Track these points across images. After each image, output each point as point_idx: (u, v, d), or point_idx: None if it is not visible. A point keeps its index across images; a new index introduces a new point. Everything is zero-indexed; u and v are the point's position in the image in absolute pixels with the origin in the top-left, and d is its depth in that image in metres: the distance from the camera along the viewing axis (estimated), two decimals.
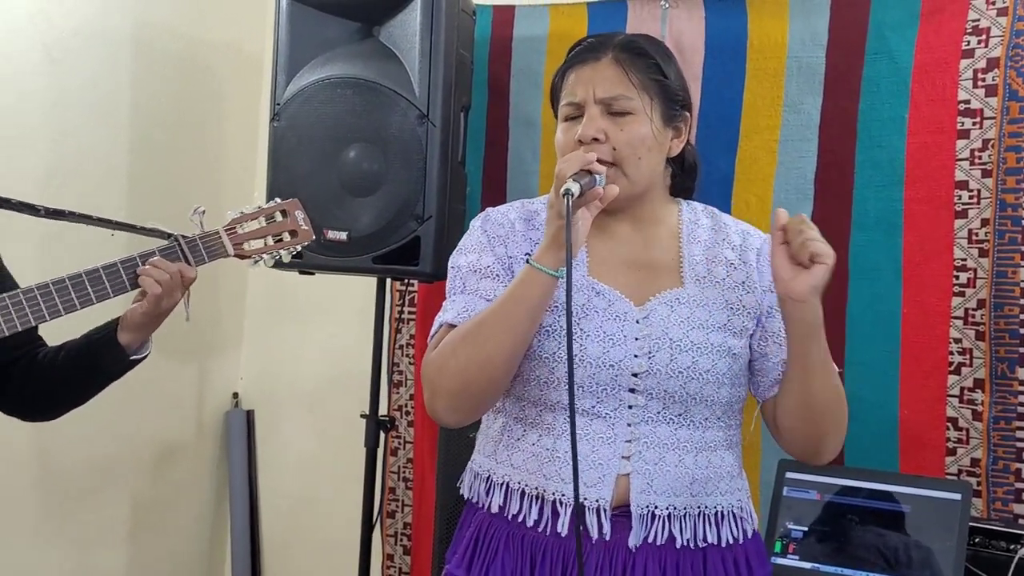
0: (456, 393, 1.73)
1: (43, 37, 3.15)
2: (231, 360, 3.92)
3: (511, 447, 1.82)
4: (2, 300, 1.85)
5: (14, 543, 2.21)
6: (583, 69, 1.81)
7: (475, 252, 1.85)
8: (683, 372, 1.75)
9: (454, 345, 1.73)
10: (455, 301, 1.82)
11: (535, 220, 1.87)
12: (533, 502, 1.78)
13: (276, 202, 2.14)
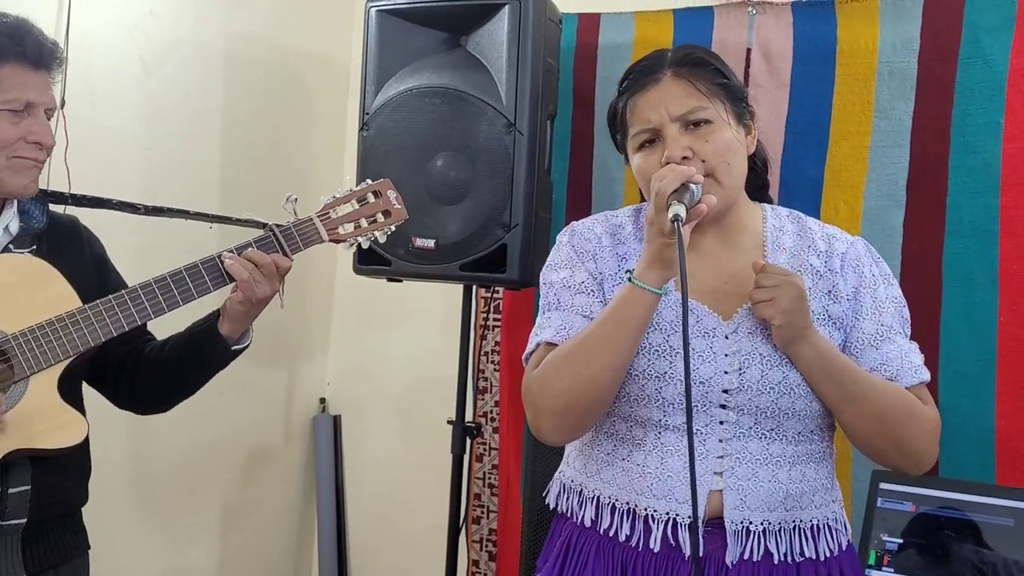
0: (561, 413, 1.73)
1: (140, 51, 3.24)
2: (318, 365, 3.98)
3: (601, 462, 1.82)
4: (108, 302, 1.90)
5: (113, 541, 2.28)
6: (647, 93, 1.79)
7: (567, 268, 1.85)
8: (775, 387, 1.73)
9: (556, 365, 1.73)
10: (551, 318, 1.81)
11: (620, 234, 1.87)
12: (625, 517, 1.78)
13: (368, 183, 2.12)
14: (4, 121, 1.89)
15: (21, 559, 1.87)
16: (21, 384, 1.83)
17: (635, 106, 1.80)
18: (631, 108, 1.81)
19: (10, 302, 1.85)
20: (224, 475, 3.66)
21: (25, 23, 1.95)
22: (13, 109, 1.89)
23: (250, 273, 1.95)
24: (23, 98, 1.90)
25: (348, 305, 3.96)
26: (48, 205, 2.06)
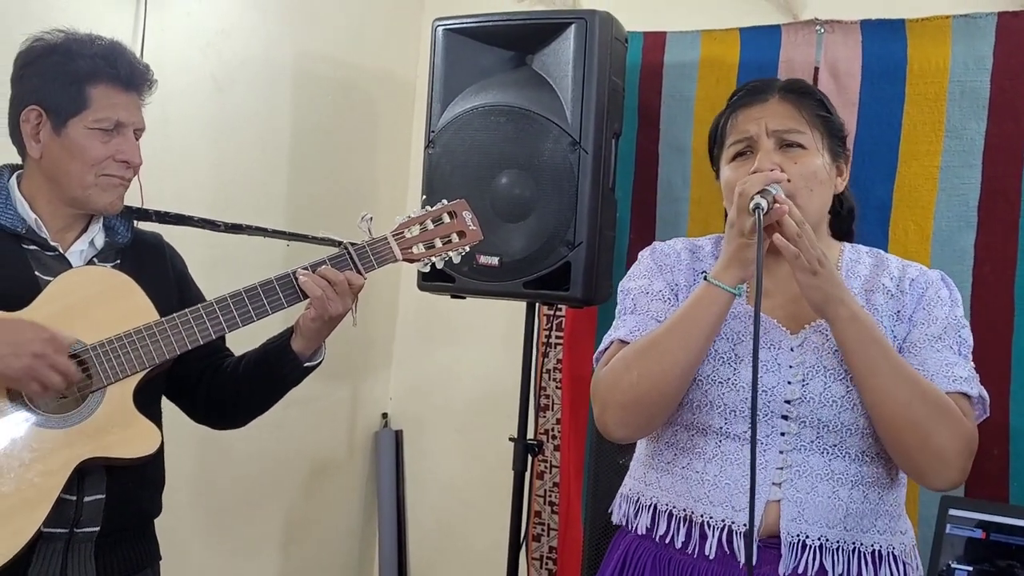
0: (627, 407, 1.76)
1: (212, 68, 3.30)
2: (381, 381, 4.01)
3: (660, 470, 1.85)
4: (184, 315, 1.94)
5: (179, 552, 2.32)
6: (751, 109, 1.85)
7: (645, 277, 1.90)
8: (837, 401, 1.74)
9: (627, 361, 1.76)
10: (626, 320, 1.87)
11: (699, 253, 1.92)
12: (681, 524, 1.80)
13: (443, 204, 2.14)
14: (95, 140, 1.94)
15: (94, 567, 1.91)
16: (98, 393, 1.87)
17: (736, 119, 1.86)
18: (732, 121, 1.87)
19: (91, 313, 1.90)
20: (287, 489, 3.69)
21: (119, 46, 2.01)
22: (104, 128, 1.95)
23: (323, 290, 1.98)
24: (114, 118, 1.96)
25: (411, 321, 3.99)
26: (133, 221, 2.11)
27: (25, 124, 1.95)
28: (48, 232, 1.97)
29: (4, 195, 1.97)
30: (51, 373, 1.78)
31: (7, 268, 1.90)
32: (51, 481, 1.80)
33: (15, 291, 1.88)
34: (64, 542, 1.87)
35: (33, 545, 1.80)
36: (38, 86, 1.94)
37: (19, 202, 1.97)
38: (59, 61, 1.94)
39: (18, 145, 2.00)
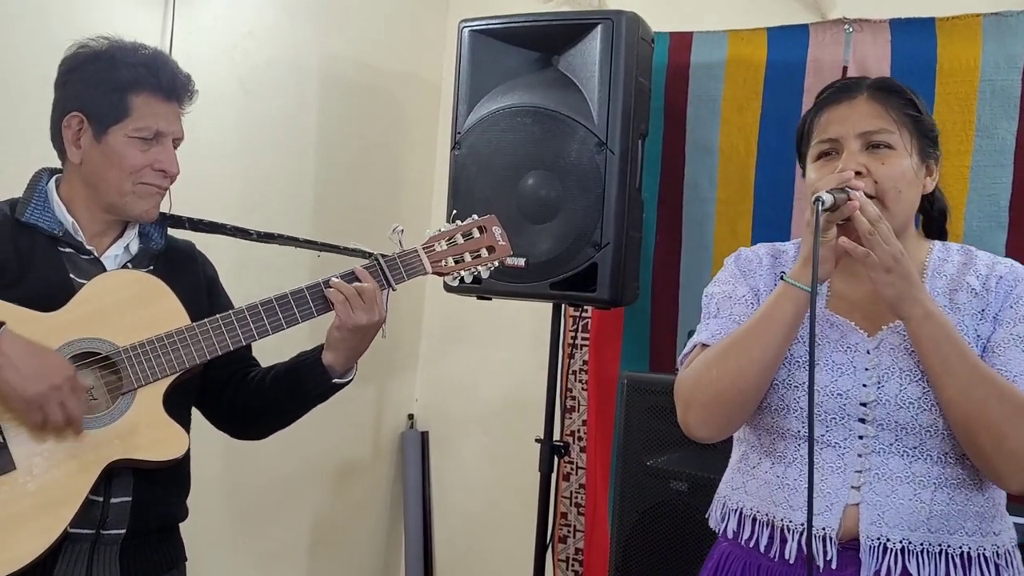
0: (708, 405, 1.77)
1: (238, 70, 3.31)
2: (407, 382, 4.01)
3: (746, 475, 1.85)
4: (215, 321, 1.94)
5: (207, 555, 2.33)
6: (838, 108, 1.81)
7: (729, 283, 1.90)
8: (914, 403, 1.71)
9: (708, 361, 1.78)
10: (708, 324, 1.87)
11: (782, 258, 1.91)
12: (763, 528, 1.80)
13: (473, 219, 2.15)
14: (134, 148, 1.95)
15: (119, 569, 1.91)
16: (128, 396, 1.88)
17: (822, 118, 1.83)
18: (819, 120, 1.84)
19: (123, 316, 1.90)
20: (314, 490, 3.70)
21: (161, 55, 2.02)
22: (143, 137, 1.96)
23: (347, 297, 1.98)
24: (154, 127, 1.97)
25: (437, 322, 3.99)
26: (167, 228, 2.12)
27: (67, 129, 1.97)
28: (84, 236, 1.98)
29: (42, 198, 1.98)
30: (58, 408, 1.78)
31: (43, 269, 1.92)
32: (79, 481, 1.81)
33: (50, 292, 1.89)
34: (90, 543, 1.87)
35: (59, 545, 1.80)
36: (81, 92, 1.95)
37: (57, 205, 1.98)
38: (102, 68, 1.95)
39: (59, 149, 2.01)
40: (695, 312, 3.15)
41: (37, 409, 1.78)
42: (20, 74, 2.68)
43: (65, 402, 1.79)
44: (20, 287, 1.88)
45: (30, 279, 1.90)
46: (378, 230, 2.18)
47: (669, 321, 3.27)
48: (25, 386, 1.76)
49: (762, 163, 3.10)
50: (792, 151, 1.96)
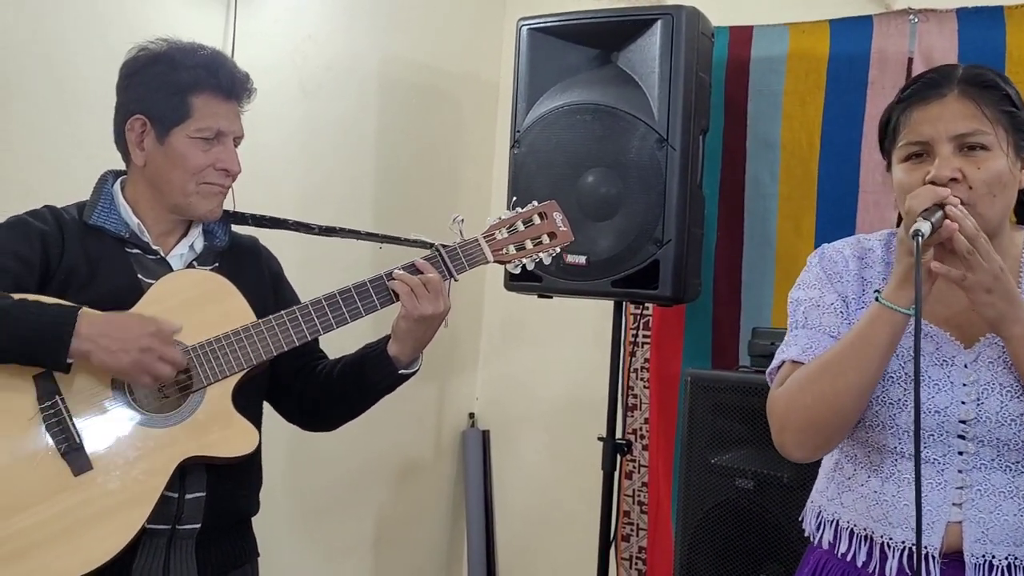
0: (805, 430, 1.71)
1: (299, 73, 3.34)
2: (467, 381, 4.02)
3: (841, 485, 1.80)
4: (280, 317, 1.96)
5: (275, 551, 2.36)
6: (927, 107, 1.70)
7: (816, 288, 1.82)
8: (1016, 419, 1.65)
9: (801, 383, 1.71)
10: (797, 336, 1.79)
11: (868, 258, 1.82)
12: (862, 543, 1.75)
13: (534, 205, 2.14)
14: (196, 148, 1.98)
15: (195, 562, 1.94)
16: (199, 393, 1.90)
17: (911, 117, 1.72)
18: (906, 118, 1.73)
19: (191, 315, 1.93)
20: (377, 488, 3.72)
21: (220, 55, 2.05)
22: (205, 137, 1.98)
23: (412, 287, 1.98)
24: (215, 127, 1.99)
25: (497, 320, 4.00)
26: (230, 225, 2.14)
27: (130, 132, 2.00)
28: (150, 236, 2.01)
29: (108, 200, 2.02)
30: (160, 364, 1.82)
31: (111, 271, 1.95)
32: (154, 479, 1.84)
33: (119, 294, 1.92)
34: (167, 538, 1.90)
35: (137, 540, 1.83)
36: (142, 96, 1.99)
37: (123, 207, 2.01)
38: (163, 71, 1.98)
39: (123, 152, 2.04)
40: (757, 309, 3.18)
41: (141, 374, 1.81)
42: (84, 78, 2.73)
43: (163, 355, 1.82)
44: (90, 289, 1.92)
45: (99, 281, 1.93)
46: (437, 230, 2.19)
47: (731, 318, 3.25)
48: (118, 359, 1.80)
49: (825, 158, 3.06)
50: (857, 145, 1.93)
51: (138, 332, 1.81)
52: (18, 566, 1.74)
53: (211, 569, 1.97)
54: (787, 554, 2.55)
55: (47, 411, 1.81)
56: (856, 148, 2.98)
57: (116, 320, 1.83)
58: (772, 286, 3.15)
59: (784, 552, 2.57)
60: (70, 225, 1.97)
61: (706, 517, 2.76)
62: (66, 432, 1.81)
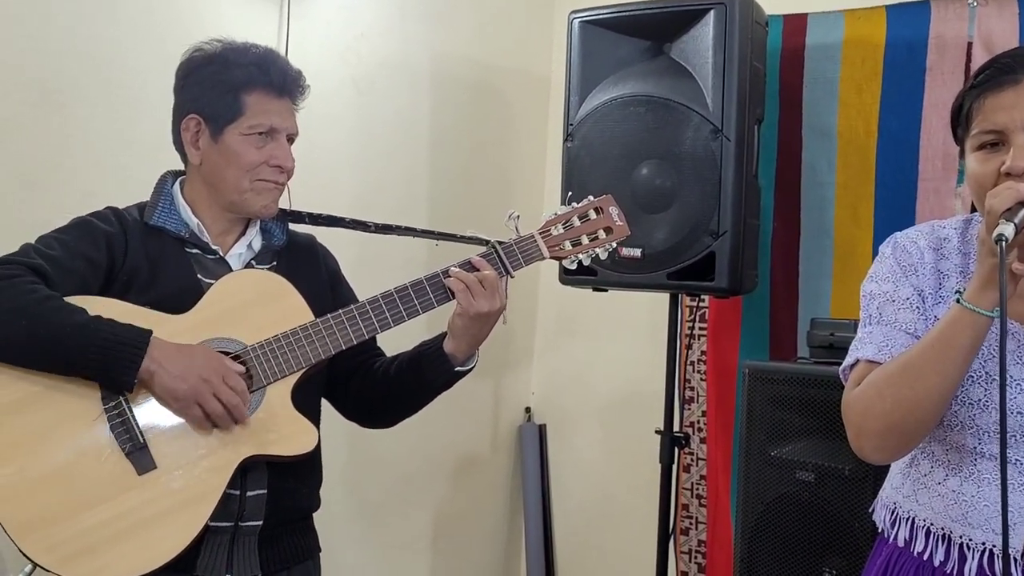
0: (883, 434, 1.67)
1: (352, 72, 3.36)
2: (523, 376, 4.03)
3: (917, 483, 1.76)
4: (338, 316, 1.97)
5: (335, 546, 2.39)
6: (1001, 93, 1.63)
7: (890, 281, 1.76)
8: None
9: (879, 387, 1.66)
10: (872, 333, 1.74)
11: (944, 248, 1.76)
12: (939, 542, 1.71)
13: (589, 200, 2.12)
14: (249, 145, 2.00)
15: (258, 559, 1.96)
16: (258, 393, 1.92)
17: (984, 104, 1.66)
18: (979, 105, 1.67)
19: (250, 315, 1.95)
20: (435, 483, 3.74)
21: (272, 53, 2.06)
22: (258, 133, 2.00)
23: (468, 285, 1.98)
24: (267, 124, 2.01)
25: (551, 315, 4.00)
26: (288, 224, 2.16)
27: (185, 132, 2.02)
28: (209, 236, 2.03)
29: (168, 201, 2.04)
30: (213, 400, 1.84)
31: (173, 272, 1.98)
32: (217, 477, 1.86)
33: (180, 294, 1.94)
34: (230, 535, 1.93)
35: (201, 538, 1.85)
36: (197, 95, 2.01)
37: (182, 207, 2.04)
38: (216, 71, 2.00)
39: (180, 152, 2.07)
40: (815, 299, 3.14)
41: (193, 405, 1.84)
42: (141, 82, 2.77)
43: (217, 392, 1.84)
44: (152, 290, 1.95)
45: (161, 282, 1.96)
46: (492, 225, 2.18)
47: (789, 309, 3.21)
48: (176, 385, 1.82)
49: (883, 145, 3.01)
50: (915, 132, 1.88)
51: (202, 364, 1.85)
52: (87, 563, 1.77)
53: (274, 565, 1.99)
54: (850, 548, 2.52)
55: (111, 412, 1.84)
56: (915, 135, 2.93)
57: (185, 349, 1.86)
58: (830, 276, 3.11)
59: (847, 546, 2.54)
60: (132, 226, 2.00)
61: (767, 510, 2.73)
62: (130, 432, 1.84)
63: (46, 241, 1.94)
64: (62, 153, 2.70)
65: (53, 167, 2.68)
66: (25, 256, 1.88)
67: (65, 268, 1.89)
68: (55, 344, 1.79)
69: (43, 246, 1.92)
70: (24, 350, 1.81)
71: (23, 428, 1.82)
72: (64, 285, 1.87)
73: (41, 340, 1.79)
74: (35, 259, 1.87)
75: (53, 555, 1.77)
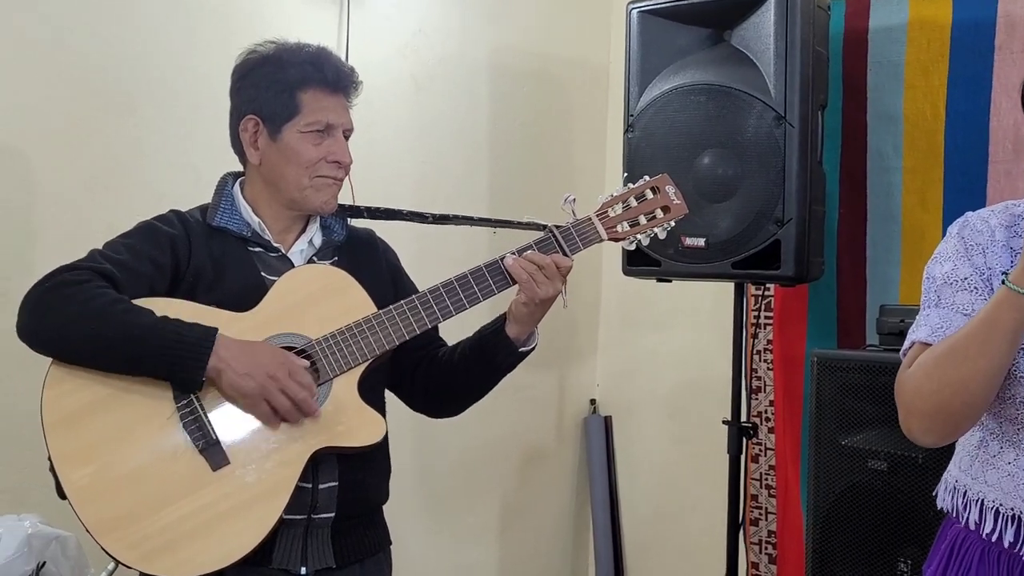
0: (931, 415, 1.66)
1: (411, 68, 3.38)
2: (587, 367, 4.02)
3: (986, 464, 1.74)
4: (400, 307, 1.99)
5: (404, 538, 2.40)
6: None
7: (951, 261, 1.74)
8: None
9: (927, 368, 1.65)
10: (929, 316, 1.73)
11: (1018, 226, 1.72)
12: (1008, 523, 1.69)
13: (645, 180, 2.10)
14: (307, 143, 2.02)
15: (331, 550, 1.98)
16: (325, 386, 1.94)
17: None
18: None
19: (314, 310, 1.97)
20: (501, 475, 3.75)
21: (324, 51, 2.08)
22: (315, 131, 2.02)
23: (531, 274, 1.98)
24: (323, 120, 2.03)
25: (614, 306, 3.98)
26: (347, 219, 2.18)
27: (244, 133, 2.05)
28: (271, 234, 2.06)
29: (229, 201, 2.07)
30: (280, 396, 1.86)
31: (236, 271, 2.00)
32: (288, 471, 1.88)
33: (244, 293, 1.97)
34: (303, 527, 1.95)
35: (276, 531, 1.88)
36: (254, 96, 2.03)
37: (243, 207, 2.07)
38: (271, 71, 2.03)
39: (239, 152, 2.10)
40: (884, 286, 3.10)
41: (261, 401, 1.86)
42: (208, 84, 2.80)
43: (285, 388, 1.86)
44: (217, 290, 1.97)
45: (226, 281, 1.99)
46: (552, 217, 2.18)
47: (856, 297, 3.17)
48: (243, 383, 1.85)
49: (951, 128, 2.96)
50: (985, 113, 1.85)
51: (268, 361, 1.87)
52: (167, 559, 1.81)
53: (347, 557, 2.01)
54: (926, 537, 2.48)
55: (184, 410, 1.87)
56: (984, 117, 2.87)
57: (250, 347, 1.88)
58: (899, 262, 3.07)
59: (922, 535, 2.50)
60: (195, 228, 2.03)
61: (838, 500, 2.70)
62: (203, 429, 1.87)
63: (113, 246, 1.97)
64: (133, 156, 2.75)
65: (124, 170, 2.73)
66: (93, 262, 1.91)
67: (133, 272, 1.92)
68: (124, 345, 1.83)
69: (110, 251, 1.95)
70: (95, 352, 1.85)
71: (100, 429, 1.86)
72: (132, 289, 1.90)
73: (111, 342, 1.83)
74: (103, 264, 1.90)
75: (134, 552, 1.80)
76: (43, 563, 2.15)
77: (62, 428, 1.84)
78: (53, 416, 1.84)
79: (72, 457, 1.83)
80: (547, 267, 1.99)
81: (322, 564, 1.97)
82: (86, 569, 2.25)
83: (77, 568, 2.22)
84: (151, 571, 1.81)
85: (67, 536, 2.20)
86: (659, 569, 3.84)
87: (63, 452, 1.83)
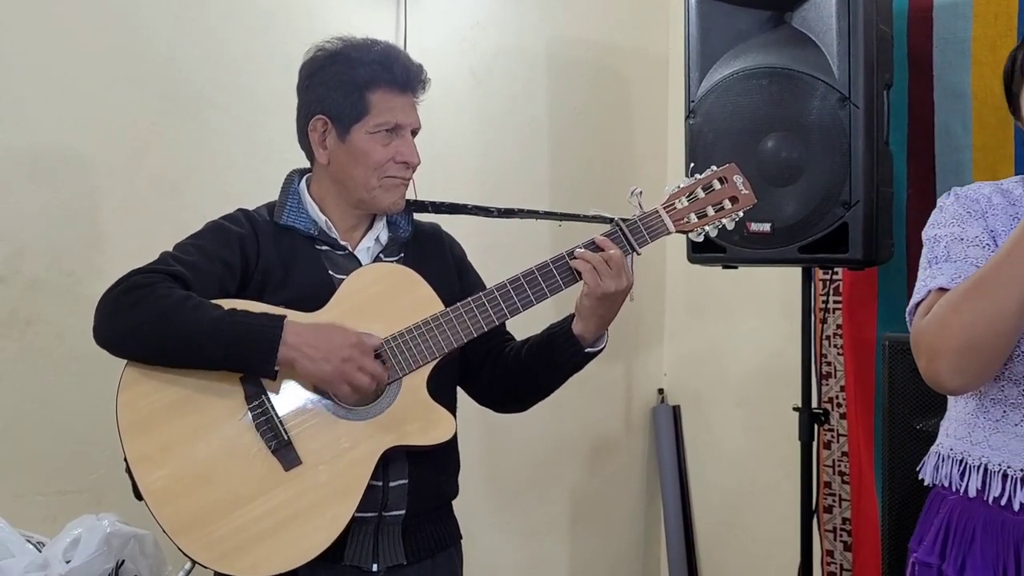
0: (962, 351, 1.61)
1: (468, 60, 3.38)
2: (654, 357, 4.00)
3: (989, 428, 1.72)
4: (467, 304, 1.99)
5: (474, 533, 2.41)
6: None
7: (956, 224, 1.74)
8: None
9: (955, 304, 1.63)
10: (942, 268, 1.71)
11: (1011, 197, 1.75)
12: (1019, 485, 1.67)
13: (712, 170, 2.08)
14: (376, 143, 2.02)
15: (402, 547, 2.00)
16: (395, 385, 1.95)
17: None
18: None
19: (382, 308, 1.98)
20: (570, 467, 3.75)
21: (393, 49, 2.08)
22: (384, 131, 2.02)
23: (594, 266, 1.97)
24: (392, 121, 2.03)
25: (680, 294, 3.96)
26: (412, 214, 2.18)
27: (312, 132, 2.06)
28: (338, 232, 2.07)
29: (296, 200, 2.08)
30: (359, 375, 1.87)
31: (304, 269, 2.02)
32: (360, 470, 1.89)
33: (313, 292, 1.98)
34: (374, 525, 1.97)
35: (348, 529, 1.90)
36: (323, 96, 2.04)
37: (310, 205, 2.08)
38: (339, 70, 2.03)
39: (306, 151, 2.11)
40: None
41: (341, 383, 1.88)
42: (270, 83, 2.83)
43: (363, 366, 1.88)
44: (286, 289, 1.99)
45: (294, 280, 2.00)
46: (616, 206, 2.16)
47: None
48: (320, 367, 1.86)
49: None
50: None
51: (340, 343, 1.88)
52: (243, 559, 1.83)
53: (418, 553, 2.02)
54: None
55: (255, 411, 1.90)
56: None
57: (320, 330, 1.89)
58: None
59: None
60: (263, 227, 2.04)
61: (915, 485, 2.64)
62: (275, 430, 1.89)
63: (183, 248, 2.00)
64: (199, 157, 2.78)
65: (191, 171, 2.77)
66: (164, 264, 1.94)
67: (204, 272, 1.94)
68: (195, 340, 1.85)
69: (181, 252, 1.98)
70: (168, 351, 1.87)
71: (174, 432, 1.89)
72: (204, 289, 1.92)
73: (182, 339, 1.85)
74: (174, 266, 1.93)
75: (210, 552, 1.83)
76: (122, 561, 2.19)
77: (137, 431, 1.87)
78: (128, 419, 1.88)
79: (148, 460, 1.86)
80: (611, 259, 1.97)
81: (393, 561, 1.99)
82: (164, 567, 2.29)
83: (155, 566, 2.26)
84: (228, 571, 1.83)
85: (144, 535, 2.23)
86: (732, 560, 3.81)
87: (139, 455, 1.87)
